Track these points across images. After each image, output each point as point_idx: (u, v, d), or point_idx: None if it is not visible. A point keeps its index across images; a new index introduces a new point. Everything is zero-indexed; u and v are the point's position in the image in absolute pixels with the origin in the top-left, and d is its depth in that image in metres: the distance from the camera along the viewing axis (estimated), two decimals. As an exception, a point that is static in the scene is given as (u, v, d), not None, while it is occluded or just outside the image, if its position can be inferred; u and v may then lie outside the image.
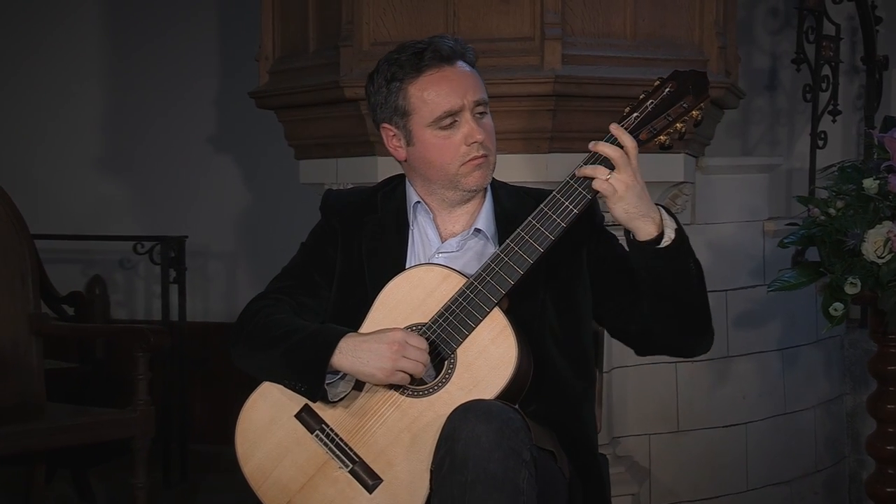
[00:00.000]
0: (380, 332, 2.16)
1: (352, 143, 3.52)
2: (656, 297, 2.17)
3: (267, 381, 2.25)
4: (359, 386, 2.20)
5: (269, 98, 3.71)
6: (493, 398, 2.09)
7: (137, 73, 5.12)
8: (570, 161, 3.30)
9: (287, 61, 3.67)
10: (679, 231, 2.14)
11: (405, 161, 2.31)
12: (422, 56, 2.22)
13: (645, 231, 2.12)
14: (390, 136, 2.30)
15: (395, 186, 2.38)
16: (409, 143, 2.27)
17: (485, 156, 2.24)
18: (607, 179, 2.09)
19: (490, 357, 2.12)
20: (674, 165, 3.51)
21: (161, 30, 5.08)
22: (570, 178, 2.14)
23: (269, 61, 3.72)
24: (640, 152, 2.13)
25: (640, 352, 2.32)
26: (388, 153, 3.38)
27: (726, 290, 3.89)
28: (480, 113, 2.25)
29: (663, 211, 2.15)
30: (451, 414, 2.05)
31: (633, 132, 2.13)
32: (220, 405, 4.72)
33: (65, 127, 5.20)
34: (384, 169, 3.36)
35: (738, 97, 3.78)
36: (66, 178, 5.18)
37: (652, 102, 2.14)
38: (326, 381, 2.17)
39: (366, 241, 2.31)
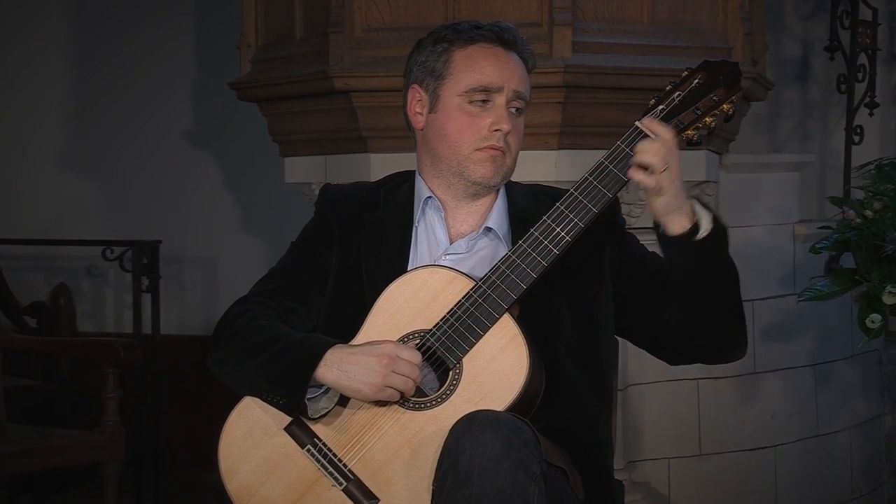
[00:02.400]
0: (370, 344, 2.16)
1: (343, 138, 3.53)
2: (691, 296, 2.19)
3: (245, 393, 2.25)
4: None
5: (251, 89, 3.72)
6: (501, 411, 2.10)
7: (106, 62, 5.12)
8: (581, 159, 3.32)
9: (271, 49, 3.68)
10: (716, 220, 2.16)
11: (421, 131, 2.33)
12: (481, 29, 2.27)
13: (679, 223, 2.14)
14: (415, 101, 2.31)
15: (401, 182, 2.39)
16: (432, 108, 2.29)
17: (502, 150, 2.26)
18: (655, 174, 2.10)
19: (499, 367, 2.13)
20: (695, 163, 3.52)
21: (132, 14, 5.09)
22: (590, 175, 2.15)
23: (251, 49, 3.74)
24: None
25: (673, 361, 2.33)
26: (382, 150, 3.37)
27: (753, 300, 3.90)
28: (517, 109, 2.28)
29: (694, 201, 2.17)
30: (453, 425, 2.05)
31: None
32: (198, 426, 4.72)
33: (26, 121, 5.21)
34: (378, 167, 3.37)
35: (765, 88, 3.79)
36: (28, 178, 5.19)
37: (679, 94, 2.16)
38: (309, 396, 2.18)
39: (365, 240, 2.32)
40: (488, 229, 2.30)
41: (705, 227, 2.15)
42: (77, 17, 5.17)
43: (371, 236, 2.32)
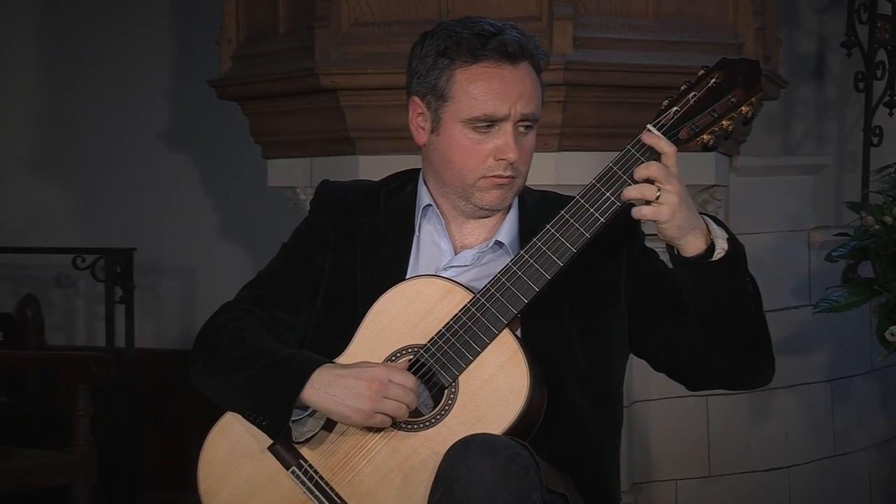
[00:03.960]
0: (360, 365, 2.15)
1: (329, 139, 3.53)
2: (709, 320, 2.17)
3: (226, 408, 2.25)
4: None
5: (232, 87, 3.72)
6: (499, 434, 2.09)
7: (77, 58, 5.12)
8: (583, 161, 3.33)
9: (253, 45, 3.69)
10: (732, 240, 2.15)
11: (424, 146, 2.32)
12: (485, 42, 2.20)
13: (694, 245, 2.12)
14: (416, 114, 2.28)
15: (405, 184, 2.37)
16: (434, 129, 2.27)
17: (511, 177, 2.24)
18: (657, 201, 2.08)
19: (497, 387, 2.12)
20: (704, 166, 3.53)
21: (105, 8, 5.09)
22: (597, 181, 2.14)
23: (231, 45, 3.74)
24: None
25: (692, 387, 2.32)
26: (371, 152, 3.37)
27: (765, 312, 3.91)
28: (525, 127, 2.25)
29: (709, 219, 2.16)
30: (448, 450, 2.04)
31: (673, 129, 2.13)
32: (174, 446, 4.72)
33: (-8, 121, 5.22)
34: (367, 170, 3.38)
35: (779, 86, 3.81)
36: (-6, 181, 5.20)
37: (695, 95, 2.15)
38: (294, 417, 2.17)
39: (361, 247, 2.31)
40: (499, 244, 2.28)
41: (721, 247, 2.13)
42: (46, 10, 5.17)
43: (368, 243, 2.31)
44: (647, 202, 2.10)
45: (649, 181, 2.10)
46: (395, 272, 2.27)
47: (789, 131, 4.85)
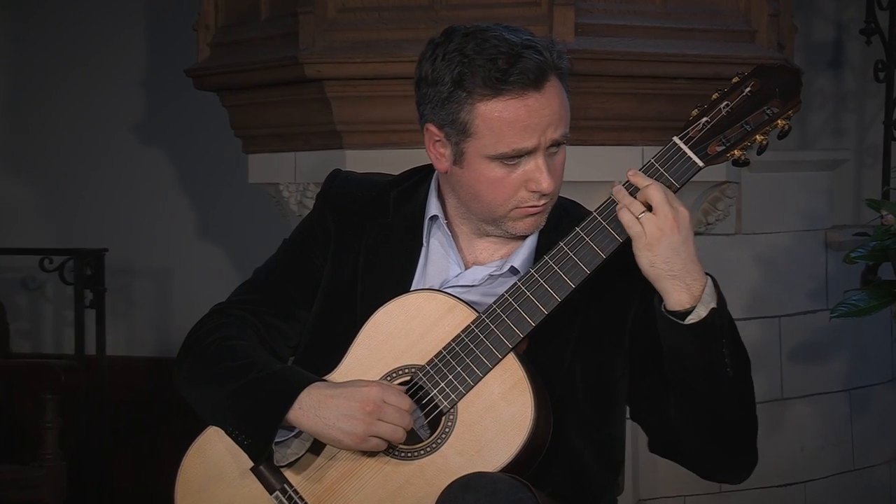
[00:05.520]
0: (353, 385, 2.13)
1: (314, 133, 3.54)
2: (682, 391, 2.14)
3: (209, 422, 2.24)
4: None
5: (210, 77, 3.72)
6: (499, 468, 2.07)
7: (43, 45, 5.12)
8: (586, 157, 3.33)
9: (233, 31, 3.69)
10: (716, 312, 2.07)
11: (445, 174, 2.24)
12: (504, 73, 2.11)
13: (674, 298, 2.07)
14: (434, 141, 2.20)
15: (418, 184, 2.32)
16: (456, 161, 2.18)
17: (545, 204, 2.19)
18: (638, 217, 2.05)
19: (499, 417, 2.10)
20: (714, 161, 3.53)
21: (74, -8, 5.11)
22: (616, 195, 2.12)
23: (210, 31, 3.74)
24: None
25: (653, 448, 2.28)
26: (359, 146, 3.36)
27: (779, 317, 3.92)
28: (556, 146, 2.17)
29: (710, 283, 2.09)
30: (445, 490, 2.02)
31: (702, 143, 2.09)
32: (149, 461, 4.72)
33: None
34: (354, 165, 3.38)
35: (793, 76, 3.81)
36: (-45, 177, 5.19)
37: (727, 105, 2.10)
38: (278, 439, 2.16)
39: (364, 253, 2.28)
40: (514, 270, 2.23)
41: (698, 313, 2.06)
42: (11, -5, 5.17)
43: (372, 249, 2.28)
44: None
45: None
46: (399, 282, 2.24)
47: (805, 124, 4.86)
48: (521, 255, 2.23)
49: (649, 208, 2.07)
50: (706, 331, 2.07)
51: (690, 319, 2.06)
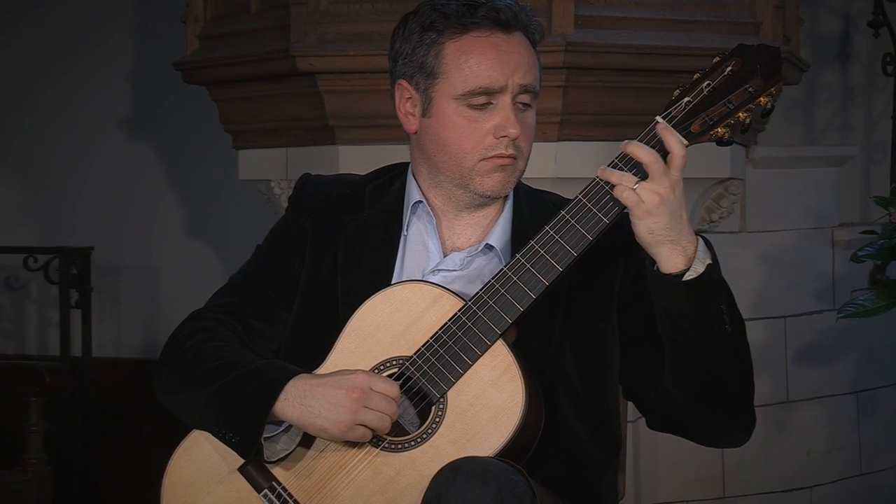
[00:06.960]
0: (338, 374, 2.15)
1: (306, 128, 3.54)
2: (678, 354, 2.17)
3: (193, 426, 2.25)
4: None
5: (199, 70, 3.72)
6: (491, 455, 2.09)
7: (26, 38, 5.12)
8: (584, 152, 3.34)
9: (223, 23, 3.69)
10: (711, 267, 2.12)
11: (415, 134, 2.31)
12: (474, 11, 2.21)
13: (670, 261, 2.11)
14: (404, 99, 2.28)
15: (392, 179, 2.37)
16: (425, 112, 2.27)
17: (513, 157, 2.24)
18: (634, 188, 2.09)
19: (490, 403, 2.12)
20: (718, 158, 3.53)
21: (59, -18, 5.10)
22: (600, 178, 2.14)
23: (199, 23, 3.74)
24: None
25: (656, 427, 2.31)
26: (353, 141, 3.37)
27: (785, 317, 3.92)
28: (524, 104, 2.25)
29: (701, 242, 2.14)
30: (436, 474, 2.04)
31: (684, 122, 2.13)
32: (135, 464, 4.72)
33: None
34: (347, 161, 3.38)
35: (800, 70, 3.81)
36: (-63, 174, 5.19)
37: (709, 84, 2.14)
38: (266, 434, 2.17)
39: (343, 248, 2.31)
40: (489, 247, 2.29)
41: (695, 269, 2.11)
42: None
43: (351, 244, 2.31)
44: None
45: (638, 165, 2.10)
46: (379, 275, 2.27)
47: (811, 119, 4.86)
48: (497, 231, 2.28)
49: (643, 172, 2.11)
50: (705, 286, 2.12)
51: (689, 276, 2.11)
